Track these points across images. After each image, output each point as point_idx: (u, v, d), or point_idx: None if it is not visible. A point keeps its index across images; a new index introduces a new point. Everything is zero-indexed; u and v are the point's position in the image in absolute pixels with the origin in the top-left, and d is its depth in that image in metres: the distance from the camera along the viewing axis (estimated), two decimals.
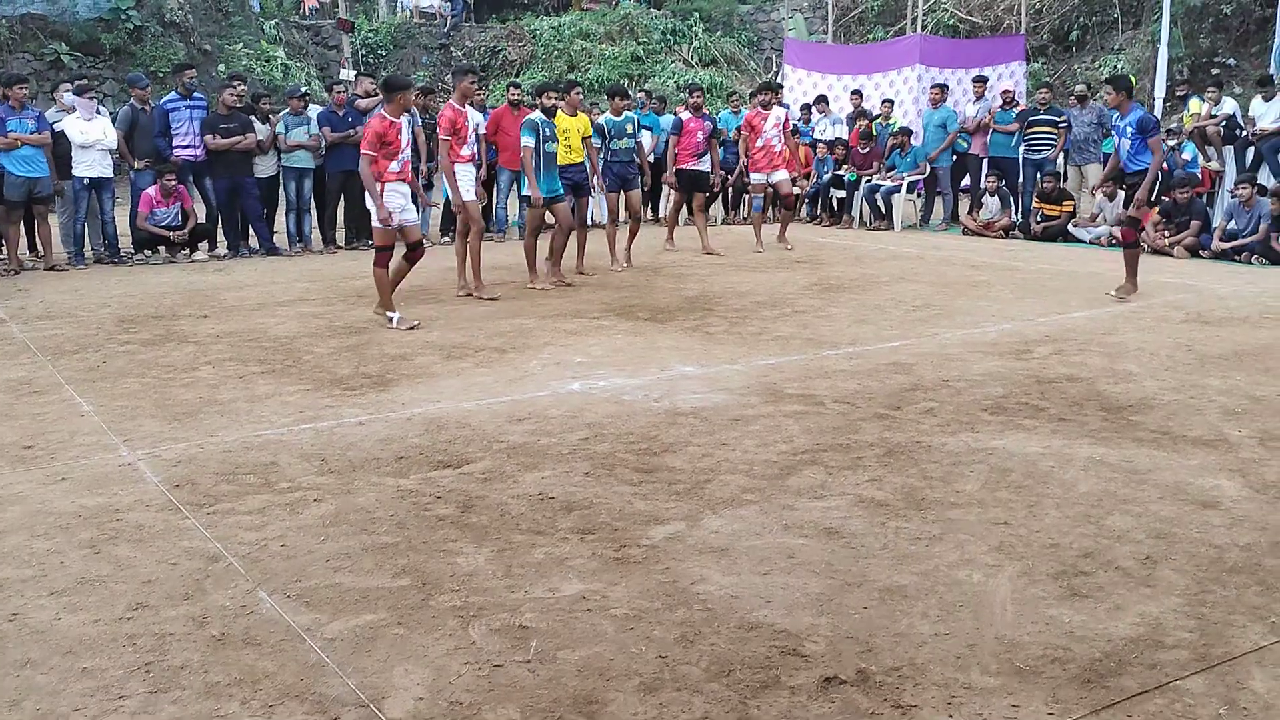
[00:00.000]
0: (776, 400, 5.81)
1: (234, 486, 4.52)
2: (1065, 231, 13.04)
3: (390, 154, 7.72)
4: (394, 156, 7.75)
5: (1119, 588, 3.50)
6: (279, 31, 23.86)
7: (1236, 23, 19.01)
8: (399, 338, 7.55)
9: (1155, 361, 6.68)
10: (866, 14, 24.61)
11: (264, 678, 2.94)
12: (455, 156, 8.97)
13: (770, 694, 2.86)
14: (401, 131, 7.78)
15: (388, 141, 7.69)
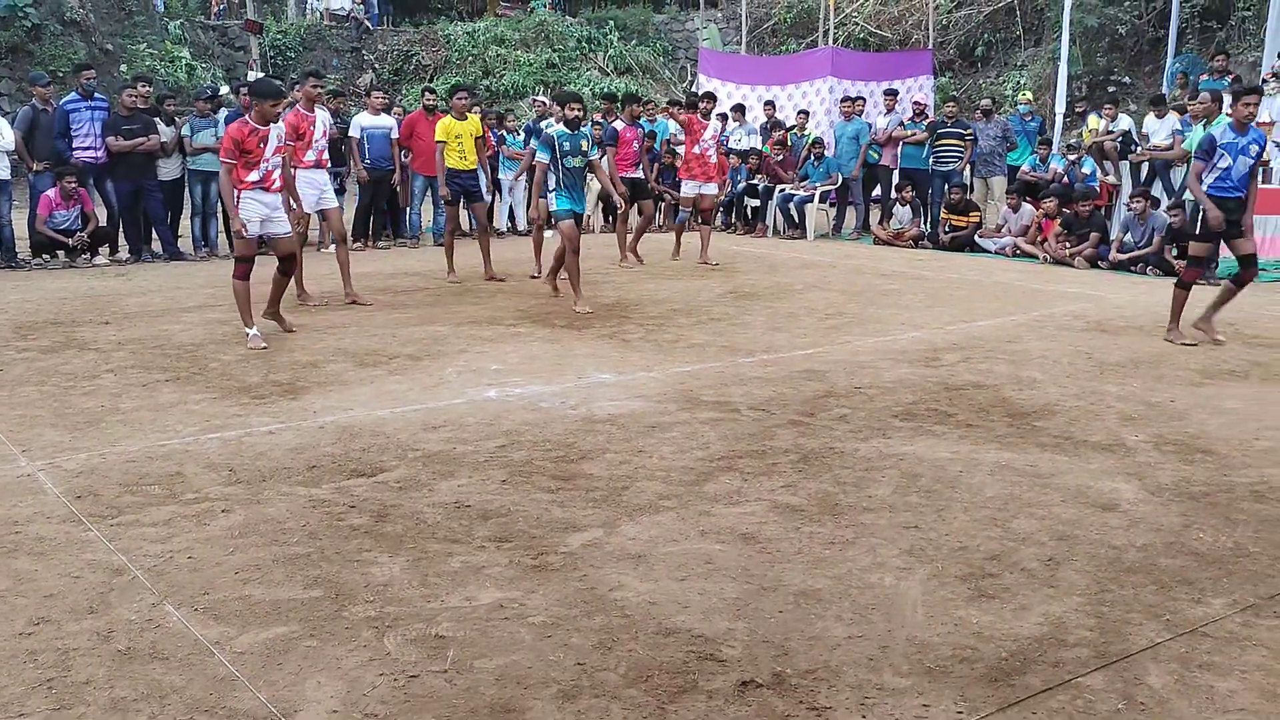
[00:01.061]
0: (693, 407, 5.85)
1: (138, 498, 4.41)
2: (972, 242, 13.35)
3: (250, 162, 7.28)
4: (254, 165, 7.29)
5: (1024, 588, 3.60)
6: (184, 32, 23.32)
7: (1131, 43, 19.68)
8: (309, 344, 7.43)
9: (1057, 369, 6.87)
10: (779, 26, 24.94)
11: (172, 692, 2.87)
12: (298, 162, 8.77)
13: (688, 699, 2.88)
14: (267, 139, 7.32)
15: (246, 149, 7.24)
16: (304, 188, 8.77)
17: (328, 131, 9.19)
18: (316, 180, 9.01)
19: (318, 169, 9.03)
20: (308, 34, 25.25)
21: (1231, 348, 7.57)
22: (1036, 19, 21.75)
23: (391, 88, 23.16)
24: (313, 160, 8.94)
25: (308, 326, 8.08)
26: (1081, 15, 18.23)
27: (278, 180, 7.51)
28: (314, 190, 8.99)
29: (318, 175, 9.03)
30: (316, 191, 9.01)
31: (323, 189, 9.12)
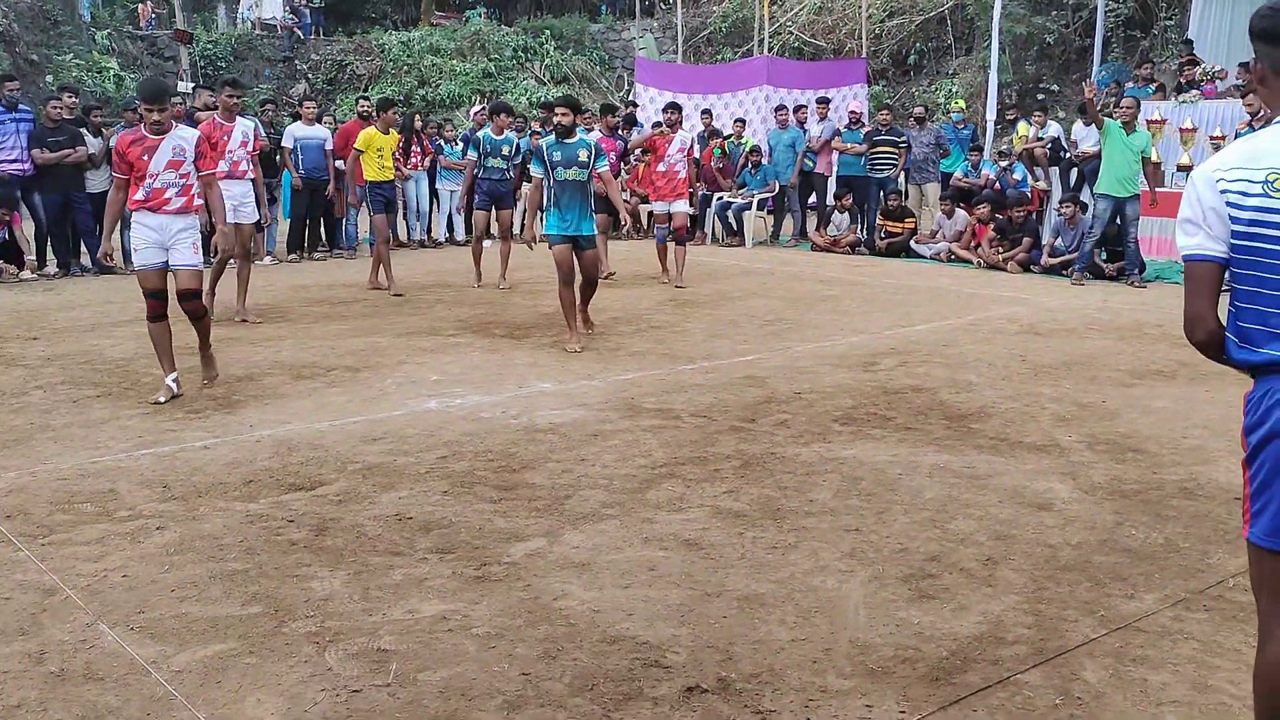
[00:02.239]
0: (634, 415, 5.86)
1: (70, 516, 4.31)
2: (908, 247, 13.53)
3: (137, 178, 6.20)
4: (140, 181, 6.19)
5: (963, 588, 3.65)
6: (112, 42, 22.88)
7: (1059, 51, 20.10)
8: (245, 357, 7.32)
9: (993, 371, 6.98)
10: (715, 35, 25.09)
11: (107, 713, 2.81)
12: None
13: (634, 705, 2.88)
14: (156, 152, 6.18)
15: (128, 161, 6.17)
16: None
17: (249, 142, 8.94)
18: (232, 191, 8.67)
19: (233, 179, 8.73)
20: (239, 44, 24.90)
21: (1159, 348, 7.75)
22: (967, 28, 22.12)
23: (326, 98, 22.95)
24: (225, 171, 8.62)
25: (243, 339, 7.96)
26: (1011, 24, 18.58)
27: (175, 200, 6.27)
28: (231, 202, 8.58)
29: (234, 186, 8.72)
30: (233, 203, 8.65)
31: (239, 201, 8.80)
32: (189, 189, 6.33)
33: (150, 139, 6.21)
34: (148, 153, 6.18)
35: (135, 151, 6.17)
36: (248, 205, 8.95)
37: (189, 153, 6.31)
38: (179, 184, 6.27)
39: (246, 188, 8.92)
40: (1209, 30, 15.59)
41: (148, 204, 6.21)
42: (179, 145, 6.27)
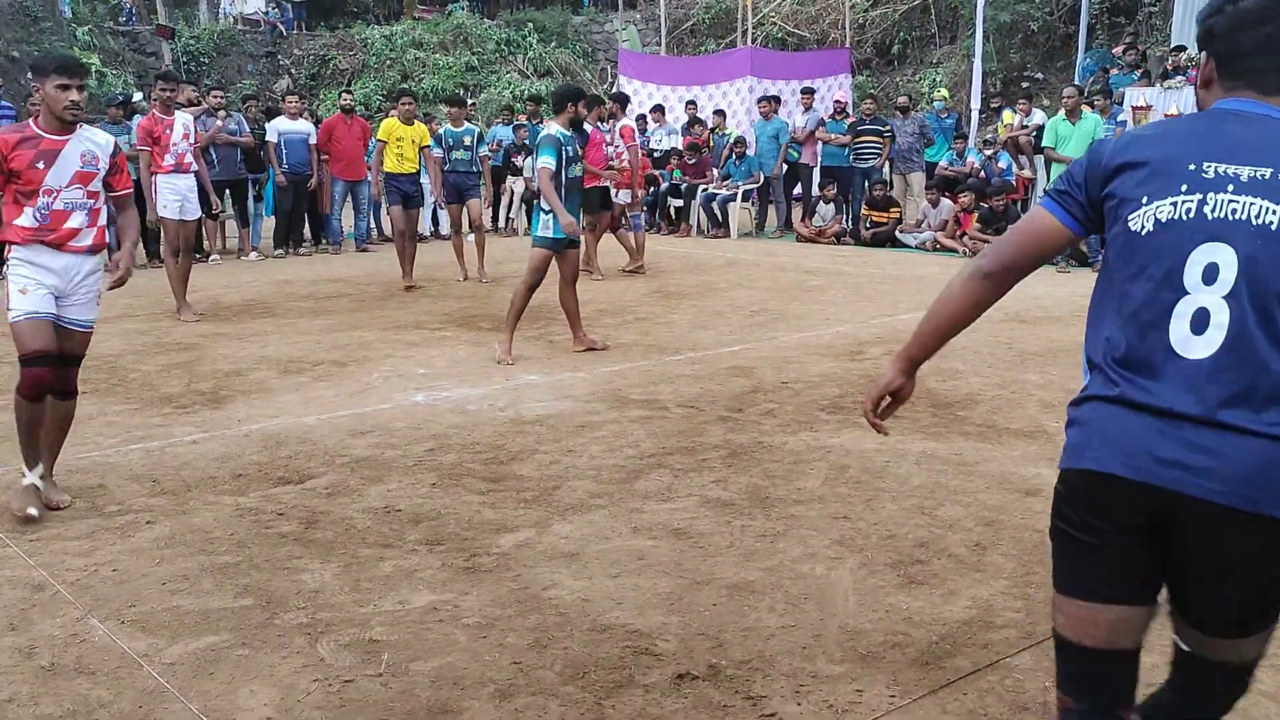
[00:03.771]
0: (621, 406, 5.87)
1: (59, 512, 4.30)
2: (893, 237, 13.56)
3: (21, 194, 4.26)
4: (27, 200, 4.26)
5: (952, 574, 3.67)
6: (93, 38, 22.73)
7: (1043, 39, 20.13)
8: (232, 352, 7.30)
9: (979, 359, 7.01)
10: (698, 26, 25.06)
11: (99, 707, 2.81)
12: (157, 167, 8.52)
13: (625, 693, 2.89)
14: (58, 160, 4.29)
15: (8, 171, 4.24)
16: (166, 194, 8.55)
17: (190, 135, 8.85)
18: (179, 186, 8.63)
19: (180, 174, 8.64)
20: (221, 39, 24.76)
21: None
22: (951, 16, 22.13)
23: (309, 93, 22.84)
24: (172, 164, 8.55)
25: (229, 335, 7.94)
26: (995, 12, 18.60)
27: (84, 232, 4.37)
28: (176, 197, 8.62)
29: (180, 181, 8.64)
30: (179, 198, 8.63)
31: (185, 195, 8.70)
32: (97, 215, 4.43)
33: (49, 138, 4.26)
34: (44, 158, 4.24)
35: (24, 156, 4.20)
36: (194, 200, 8.86)
37: (103, 164, 4.42)
38: (87, 207, 4.36)
39: (192, 182, 8.85)
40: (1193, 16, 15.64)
41: (43, 235, 4.27)
42: (90, 152, 4.36)
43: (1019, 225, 2.10)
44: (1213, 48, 1.99)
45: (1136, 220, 1.88)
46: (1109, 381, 1.88)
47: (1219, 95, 1.98)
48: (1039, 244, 2.05)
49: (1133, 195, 1.90)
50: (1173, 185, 1.87)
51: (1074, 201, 2.00)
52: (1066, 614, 1.98)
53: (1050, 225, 2.03)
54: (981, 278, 2.08)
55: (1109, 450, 1.85)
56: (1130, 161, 1.93)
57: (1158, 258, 1.85)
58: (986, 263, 2.08)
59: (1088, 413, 1.91)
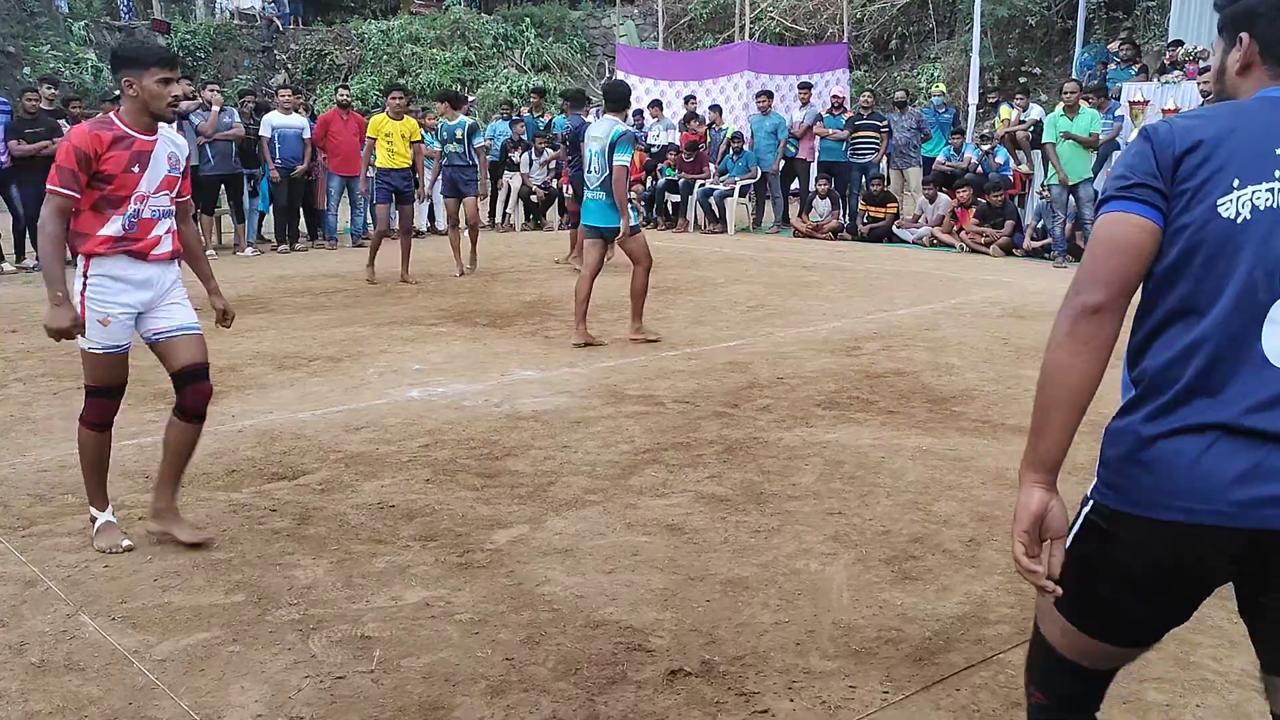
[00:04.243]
0: (617, 401, 5.86)
1: (50, 507, 4.29)
2: (890, 232, 13.54)
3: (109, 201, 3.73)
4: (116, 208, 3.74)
5: (946, 569, 3.66)
6: (89, 33, 22.69)
7: (1041, 34, 20.10)
8: (227, 348, 7.27)
9: (975, 355, 7.00)
10: (696, 21, 25.02)
11: (89, 704, 2.80)
12: None
13: (617, 689, 2.88)
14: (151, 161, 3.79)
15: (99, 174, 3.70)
16: None
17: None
18: None
19: None
20: (217, 34, 24.71)
21: None
22: (949, 11, 22.10)
23: (306, 88, 22.80)
24: None
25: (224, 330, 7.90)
26: (992, 7, 18.57)
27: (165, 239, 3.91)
28: None
29: None
30: None
31: None
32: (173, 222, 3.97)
33: (141, 138, 3.74)
34: (138, 161, 3.73)
35: (119, 159, 3.68)
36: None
37: (182, 166, 3.94)
38: (171, 214, 3.92)
39: None
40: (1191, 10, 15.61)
41: (127, 245, 3.78)
42: (174, 155, 3.88)
43: (1104, 242, 1.69)
44: (1256, 29, 1.74)
45: (1228, 206, 1.61)
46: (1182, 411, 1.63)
47: (1262, 82, 1.74)
48: (1138, 251, 1.67)
49: (1219, 178, 1.62)
50: (1266, 169, 1.62)
51: (1151, 191, 1.67)
52: (1071, 640, 1.82)
53: (1140, 227, 1.66)
54: (1092, 314, 1.67)
55: (1197, 496, 1.60)
56: (1201, 140, 1.65)
57: (1255, 250, 1.59)
58: (1090, 296, 1.67)
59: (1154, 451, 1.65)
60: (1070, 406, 1.71)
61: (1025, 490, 1.76)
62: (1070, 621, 1.81)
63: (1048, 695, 1.94)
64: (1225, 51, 1.81)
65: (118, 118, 3.73)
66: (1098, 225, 1.72)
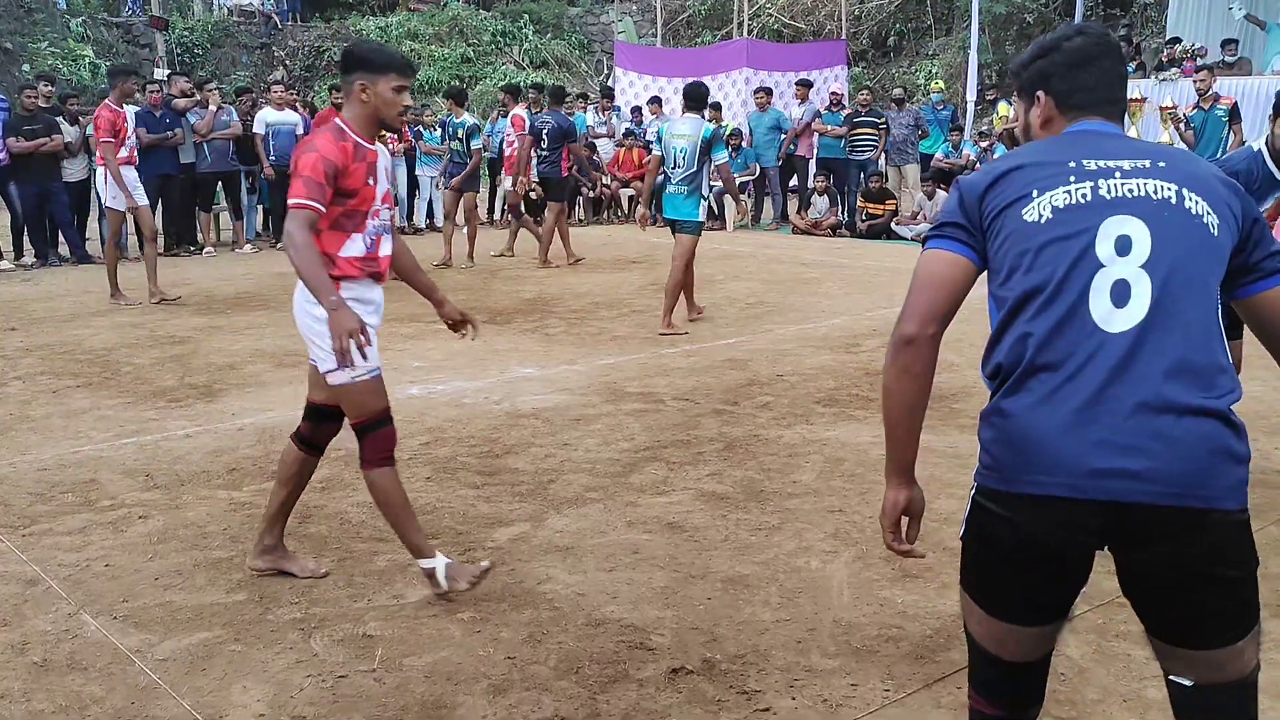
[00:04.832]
0: (617, 399, 5.86)
1: (51, 506, 4.29)
2: (889, 229, 13.54)
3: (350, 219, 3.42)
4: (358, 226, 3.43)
5: (947, 567, 3.67)
6: (87, 30, 22.65)
7: (1038, 31, 20.06)
8: (226, 345, 7.28)
9: (974, 352, 6.97)
10: (694, 18, 25.00)
11: (92, 703, 2.81)
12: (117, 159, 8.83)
13: (619, 687, 2.89)
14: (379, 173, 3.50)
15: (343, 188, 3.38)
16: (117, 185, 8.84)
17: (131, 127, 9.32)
18: (129, 178, 8.99)
19: (128, 165, 9.05)
20: (215, 30, 24.68)
21: None
22: (946, 8, 22.11)
23: (303, 84, 22.78)
24: (125, 157, 8.99)
25: (224, 328, 7.92)
26: (990, 4, 18.58)
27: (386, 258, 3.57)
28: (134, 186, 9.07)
29: (130, 172, 9.05)
30: (130, 189, 9.00)
31: (133, 185, 9.05)
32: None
33: (369, 147, 3.43)
34: (372, 173, 3.43)
35: (360, 171, 3.36)
36: (140, 187, 9.23)
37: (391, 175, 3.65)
38: (389, 230, 3.56)
39: (135, 174, 9.21)
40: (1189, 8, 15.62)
41: (370, 267, 3.48)
42: (388, 166, 3.60)
43: (916, 278, 1.94)
44: (1049, 87, 1.99)
45: (1031, 211, 1.83)
46: (1030, 384, 1.77)
47: (1063, 128, 1.99)
48: (948, 286, 1.91)
49: (1020, 193, 1.85)
50: (1060, 177, 1.84)
51: (959, 229, 1.92)
52: (985, 627, 1.92)
53: (948, 262, 1.91)
54: (906, 345, 1.90)
55: (1046, 468, 1.73)
56: (1003, 171, 1.90)
57: (1064, 239, 1.79)
58: (906, 328, 1.91)
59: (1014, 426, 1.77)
60: (906, 421, 1.97)
61: (890, 490, 2.05)
62: (978, 606, 1.93)
63: (986, 700, 1.99)
64: (1026, 110, 2.05)
65: (345, 124, 3.36)
66: (917, 264, 1.95)
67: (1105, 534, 1.75)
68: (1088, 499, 1.71)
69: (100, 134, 8.82)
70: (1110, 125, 1.96)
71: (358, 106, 3.36)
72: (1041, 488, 1.74)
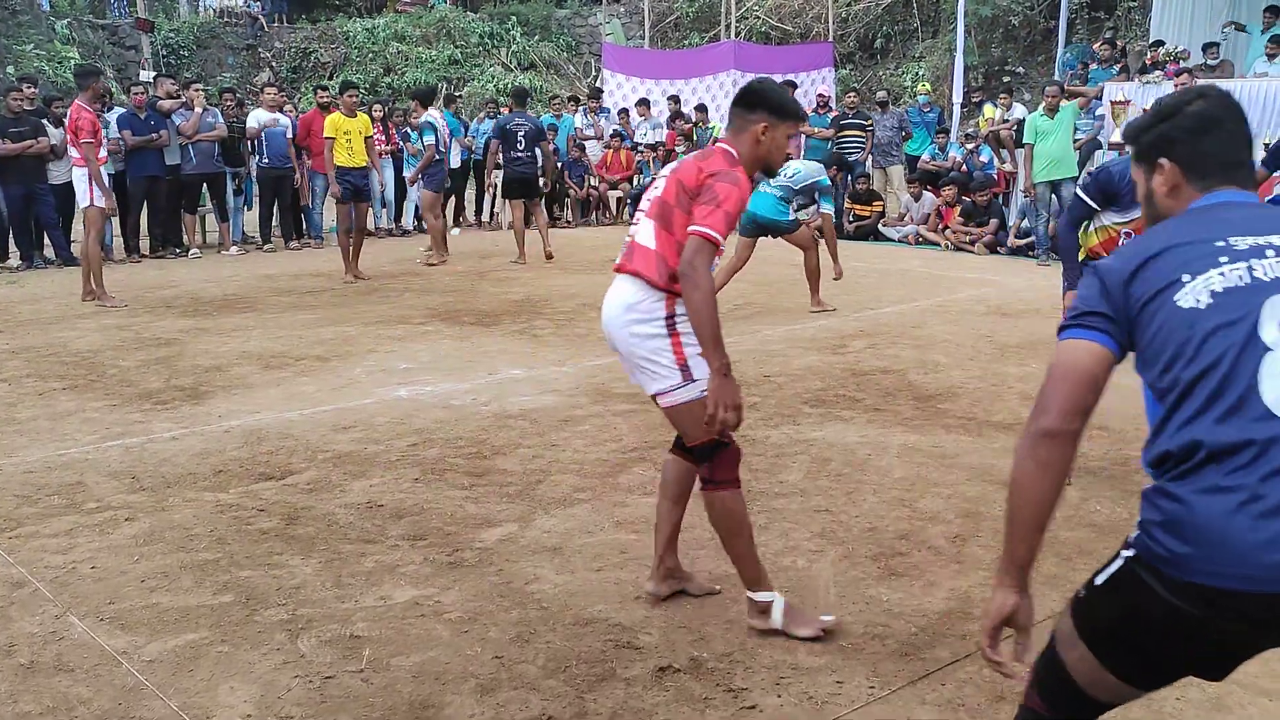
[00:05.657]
0: (605, 400, 5.87)
1: (37, 509, 4.28)
2: (876, 230, 13.58)
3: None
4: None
5: (932, 565, 3.69)
6: (72, 31, 22.57)
7: (1024, 33, 20.19)
8: (213, 348, 7.26)
9: (960, 352, 7.04)
10: (682, 20, 25.03)
11: (79, 704, 2.80)
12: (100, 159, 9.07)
13: (607, 686, 2.90)
14: None
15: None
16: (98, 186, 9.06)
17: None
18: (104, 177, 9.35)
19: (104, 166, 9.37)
20: (201, 32, 24.63)
21: None
22: (933, 11, 22.17)
23: (290, 86, 22.73)
24: (105, 157, 9.37)
25: (210, 330, 7.91)
26: (976, 6, 18.64)
27: None
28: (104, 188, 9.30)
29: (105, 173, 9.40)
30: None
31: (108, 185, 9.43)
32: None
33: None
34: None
35: None
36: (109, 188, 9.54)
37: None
38: None
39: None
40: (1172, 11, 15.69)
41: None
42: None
43: (1056, 369, 1.85)
44: (1173, 154, 1.92)
45: (1186, 298, 1.75)
46: (1204, 473, 1.69)
47: (1191, 197, 1.92)
48: (1091, 380, 1.82)
49: (1170, 278, 1.77)
50: (1211, 259, 1.77)
51: (1101, 319, 1.83)
52: (1088, 669, 1.85)
53: (1091, 353, 1.83)
54: (1048, 439, 1.81)
55: (1223, 562, 1.65)
56: (1148, 256, 1.81)
57: (1227, 326, 1.71)
58: (1047, 421, 1.82)
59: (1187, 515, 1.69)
60: (1035, 519, 1.84)
61: (998, 592, 1.88)
62: (1092, 651, 1.84)
63: (1046, 704, 1.96)
64: (1148, 177, 1.97)
65: (739, 158, 3.22)
66: (1055, 353, 1.87)
67: (1267, 623, 1.68)
68: (1262, 592, 1.63)
69: (84, 135, 8.86)
70: (1245, 194, 1.90)
71: (751, 145, 3.24)
72: (1215, 580, 1.66)
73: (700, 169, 3.12)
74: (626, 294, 3.17)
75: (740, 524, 3.18)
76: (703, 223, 2.99)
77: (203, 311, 8.72)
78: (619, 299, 3.19)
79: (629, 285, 3.17)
